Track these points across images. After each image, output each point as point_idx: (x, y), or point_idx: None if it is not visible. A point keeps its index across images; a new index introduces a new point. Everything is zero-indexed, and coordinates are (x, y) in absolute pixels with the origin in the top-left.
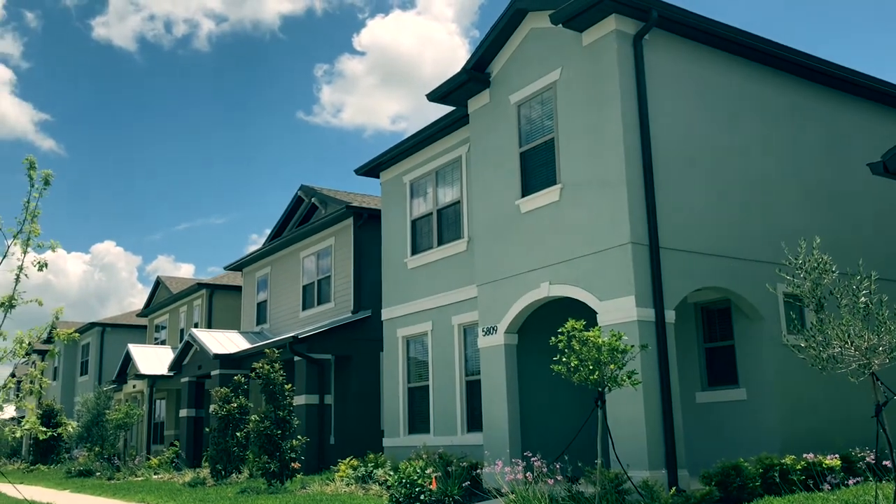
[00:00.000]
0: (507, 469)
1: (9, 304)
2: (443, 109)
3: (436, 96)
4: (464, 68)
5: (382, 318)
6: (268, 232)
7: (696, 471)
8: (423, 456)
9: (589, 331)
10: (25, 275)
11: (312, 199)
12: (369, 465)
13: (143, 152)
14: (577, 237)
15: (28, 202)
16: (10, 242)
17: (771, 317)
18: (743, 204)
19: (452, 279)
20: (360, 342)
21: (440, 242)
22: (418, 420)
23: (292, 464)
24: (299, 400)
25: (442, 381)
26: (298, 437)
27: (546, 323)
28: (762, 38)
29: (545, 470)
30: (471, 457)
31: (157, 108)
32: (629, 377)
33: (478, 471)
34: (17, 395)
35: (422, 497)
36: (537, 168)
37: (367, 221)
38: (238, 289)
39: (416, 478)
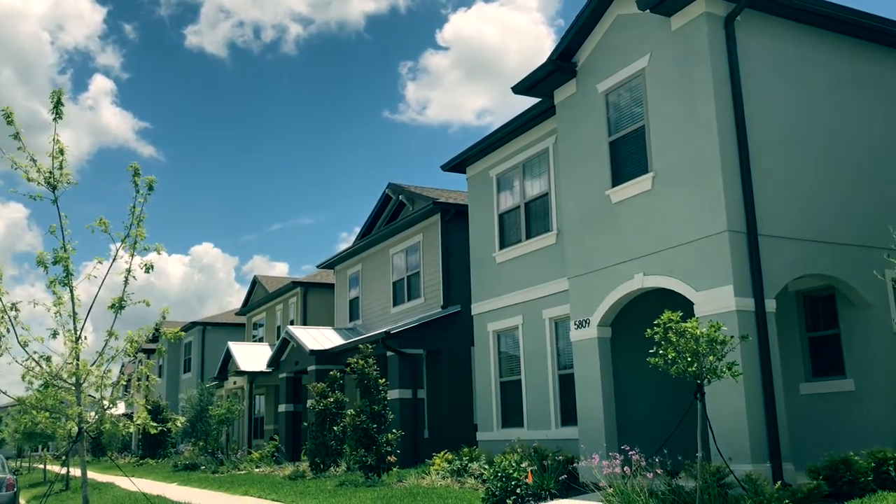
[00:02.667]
0: (605, 463)
1: (119, 306)
2: (528, 101)
3: (521, 88)
4: (549, 59)
5: (472, 313)
6: (357, 230)
7: (801, 465)
8: (518, 450)
9: (686, 322)
10: (133, 277)
11: (400, 197)
12: (464, 458)
13: (235, 156)
14: (672, 226)
15: (134, 207)
16: (118, 246)
17: (880, 304)
18: (846, 186)
19: (542, 272)
20: (450, 337)
21: (529, 236)
22: (511, 414)
23: (388, 457)
24: (393, 394)
25: (534, 375)
26: (393, 430)
27: (640, 315)
28: (859, 11)
29: (643, 463)
30: (566, 451)
31: (247, 112)
32: (729, 368)
33: (574, 465)
34: (126, 393)
35: (518, 491)
36: (627, 157)
37: (455, 217)
38: (331, 286)
39: (511, 471)
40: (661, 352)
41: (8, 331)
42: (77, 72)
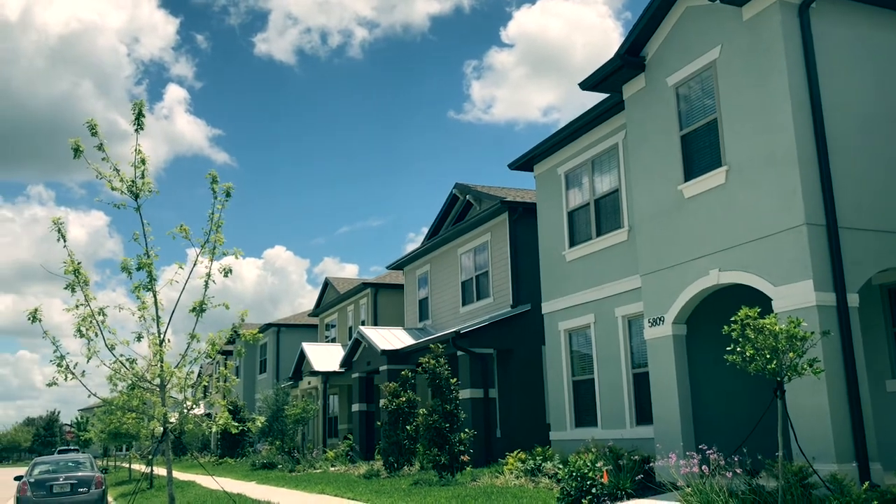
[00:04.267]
0: (682, 462)
1: (200, 309)
2: (596, 97)
3: (589, 84)
4: (617, 54)
5: (543, 312)
6: (424, 231)
7: (890, 465)
8: (593, 449)
9: (764, 318)
10: (213, 281)
11: (467, 197)
12: (537, 458)
13: (304, 160)
14: (747, 221)
15: (212, 214)
16: (198, 251)
17: None
18: None
19: (613, 270)
20: (520, 336)
21: (599, 233)
22: (584, 413)
23: (462, 456)
24: (464, 394)
25: (607, 374)
26: (466, 430)
27: (716, 311)
28: None
29: (722, 463)
30: (641, 450)
31: (315, 117)
32: (810, 365)
33: (650, 464)
34: (206, 394)
35: (593, 490)
36: (700, 151)
37: (522, 215)
38: (400, 287)
39: (586, 471)
40: (738, 349)
41: (96, 335)
42: (152, 82)
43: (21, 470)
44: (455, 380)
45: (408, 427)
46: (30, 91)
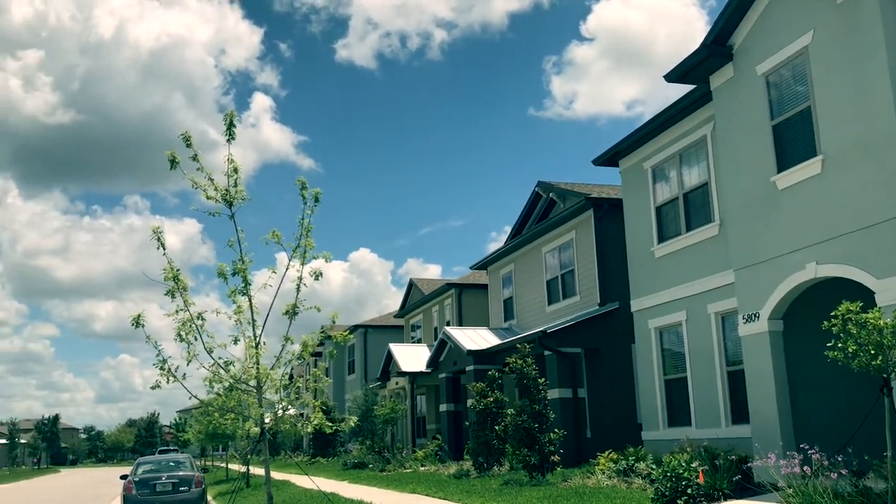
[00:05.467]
0: (783, 462)
1: (293, 312)
2: (682, 89)
3: (674, 76)
4: (703, 44)
5: (632, 310)
6: (507, 230)
7: None
8: (687, 449)
9: (867, 312)
10: (305, 284)
11: (550, 195)
12: (630, 458)
13: (386, 163)
14: (846, 211)
15: (302, 219)
16: (290, 256)
17: None
18: None
19: (704, 265)
20: (608, 334)
21: (689, 228)
22: (677, 412)
23: (552, 457)
24: (553, 393)
25: (701, 372)
26: (555, 430)
27: (814, 306)
28: None
29: (825, 463)
30: (738, 449)
31: (396, 120)
32: None
33: (748, 464)
34: (300, 394)
35: (689, 491)
36: (793, 140)
37: (608, 212)
38: (484, 287)
39: (681, 471)
40: (840, 345)
41: (195, 339)
42: (239, 92)
43: (125, 469)
44: (543, 380)
45: (496, 427)
46: (124, 105)
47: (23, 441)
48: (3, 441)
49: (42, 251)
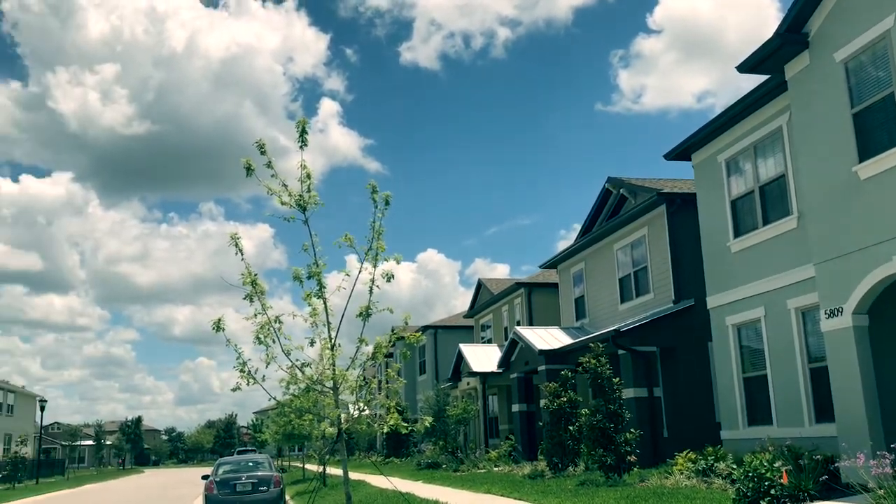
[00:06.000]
0: (872, 462)
1: (366, 314)
2: (755, 79)
3: (747, 67)
4: (777, 32)
5: (708, 307)
6: (576, 227)
7: None
8: (769, 448)
9: None
10: (377, 286)
11: (621, 190)
12: (709, 458)
13: (452, 164)
14: None
15: (373, 222)
16: (362, 259)
17: None
18: None
19: (783, 259)
20: (684, 332)
21: (766, 221)
22: (757, 411)
23: (628, 457)
24: (627, 393)
25: (782, 370)
26: (631, 430)
27: None
28: None
29: None
30: (822, 449)
31: (461, 120)
32: None
33: (835, 464)
34: (375, 395)
35: (772, 492)
36: (875, 129)
37: (681, 207)
38: (554, 285)
39: (763, 471)
40: None
41: (273, 342)
42: (307, 98)
43: (206, 470)
44: (617, 379)
45: (570, 427)
46: (197, 115)
47: (108, 442)
48: (90, 442)
49: (122, 258)
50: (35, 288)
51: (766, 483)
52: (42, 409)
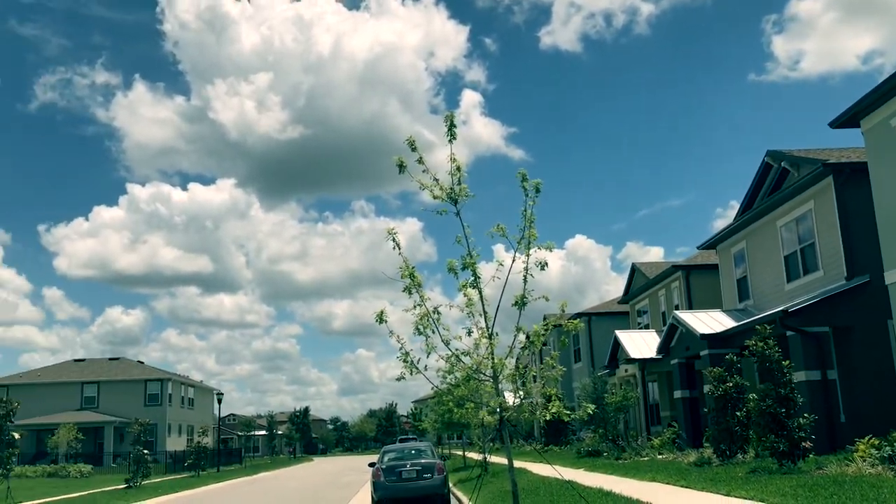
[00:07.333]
0: None
1: (521, 303)
2: None
3: None
4: None
5: (886, 282)
6: (734, 205)
7: None
8: None
9: None
10: (531, 275)
11: (782, 163)
12: (895, 444)
13: (597, 146)
14: None
15: (525, 210)
16: (515, 248)
17: None
18: None
19: None
20: (860, 310)
21: None
22: None
23: (802, 443)
24: (798, 376)
25: None
26: (805, 415)
27: None
28: None
29: None
30: None
31: (605, 102)
32: None
33: None
34: (534, 383)
35: None
36: None
37: (850, 177)
38: (713, 267)
39: None
40: None
41: (433, 332)
42: (448, 91)
43: (371, 457)
44: (787, 362)
45: (737, 413)
46: (345, 116)
47: (279, 432)
48: (263, 432)
49: (283, 258)
50: (207, 289)
51: None
52: (219, 401)
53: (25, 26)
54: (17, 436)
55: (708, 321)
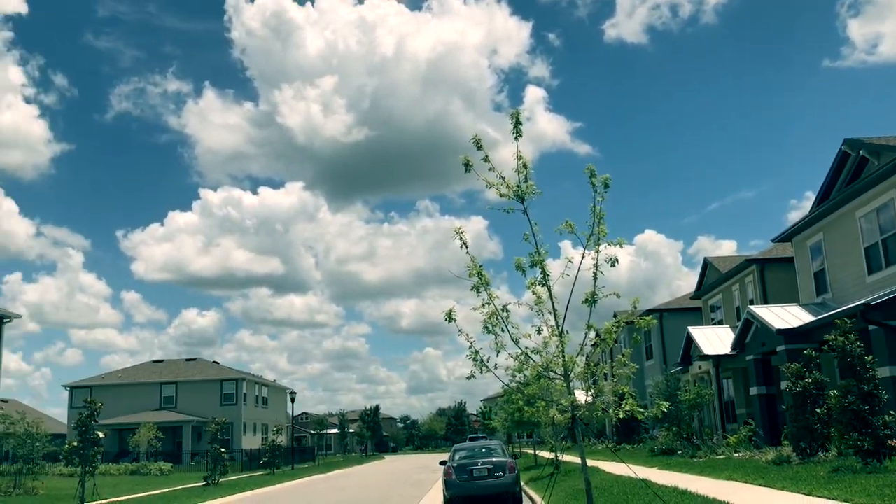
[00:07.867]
0: None
1: (592, 300)
2: None
3: None
4: None
5: None
6: (809, 195)
7: None
8: None
9: None
10: (602, 272)
11: (860, 152)
12: None
13: (665, 139)
14: None
15: (594, 206)
16: (585, 245)
17: None
18: None
19: None
20: None
21: None
22: None
23: (888, 441)
24: (882, 372)
25: None
26: (890, 412)
27: None
28: None
29: None
30: None
31: (673, 93)
32: None
33: None
34: (605, 380)
35: None
36: None
37: None
38: (788, 260)
39: None
40: None
41: (502, 330)
42: (512, 88)
43: (441, 456)
44: (870, 357)
45: (818, 410)
46: (409, 117)
47: (350, 430)
48: (335, 431)
49: (351, 258)
50: (278, 290)
51: None
52: (292, 400)
53: (101, 39)
54: (101, 435)
55: (784, 316)
